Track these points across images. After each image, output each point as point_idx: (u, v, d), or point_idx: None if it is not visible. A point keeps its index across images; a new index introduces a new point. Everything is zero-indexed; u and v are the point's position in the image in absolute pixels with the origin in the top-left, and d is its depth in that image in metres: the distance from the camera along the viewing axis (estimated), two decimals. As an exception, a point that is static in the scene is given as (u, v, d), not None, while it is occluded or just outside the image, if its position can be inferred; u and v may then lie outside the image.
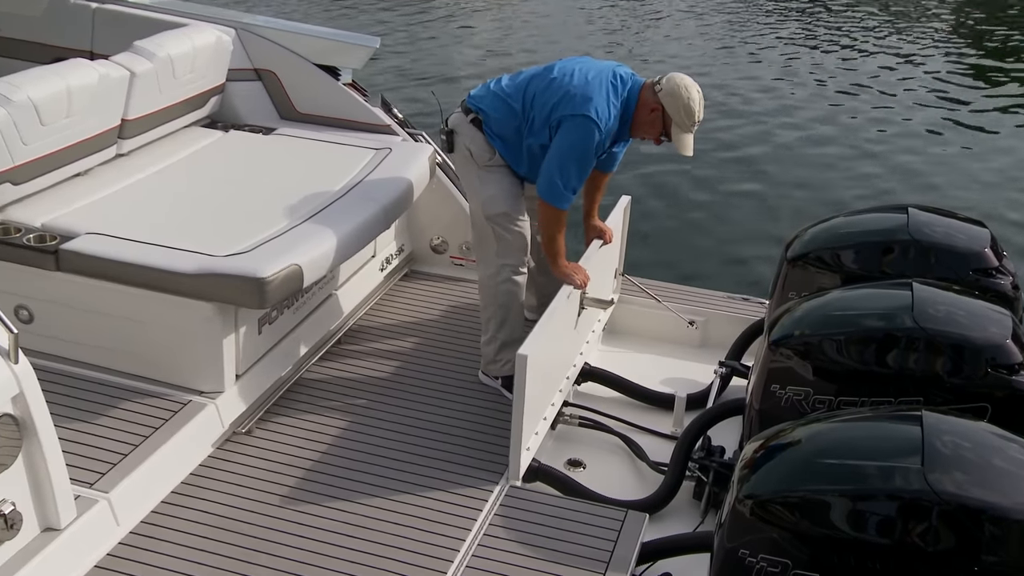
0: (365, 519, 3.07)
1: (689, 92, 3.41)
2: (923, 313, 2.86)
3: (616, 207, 4.08)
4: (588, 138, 3.37)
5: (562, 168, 3.41)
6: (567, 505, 3.18)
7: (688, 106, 3.41)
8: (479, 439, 3.48)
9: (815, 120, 9.69)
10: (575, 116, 3.37)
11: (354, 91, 4.46)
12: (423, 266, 4.62)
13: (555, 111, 3.42)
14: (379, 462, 3.33)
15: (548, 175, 3.45)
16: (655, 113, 3.46)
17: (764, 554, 2.34)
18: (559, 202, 3.47)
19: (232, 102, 4.46)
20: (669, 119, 3.44)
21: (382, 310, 4.27)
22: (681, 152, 3.49)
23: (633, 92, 3.47)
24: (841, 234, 3.49)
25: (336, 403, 3.63)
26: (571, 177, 3.42)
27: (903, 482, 2.24)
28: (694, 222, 7.53)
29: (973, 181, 8.47)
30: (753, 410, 3.12)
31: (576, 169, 3.41)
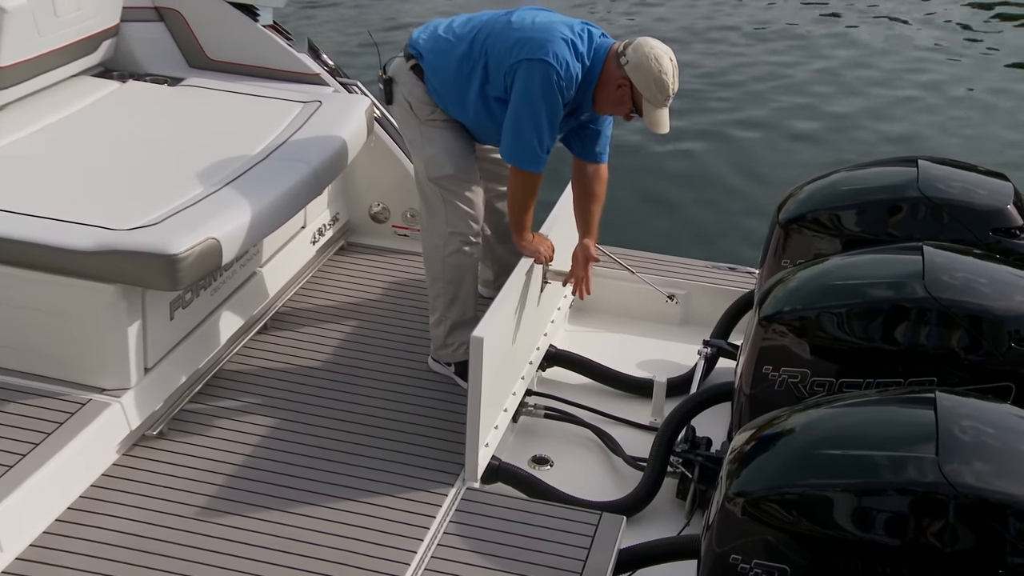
0: (299, 531, 3.05)
1: (660, 63, 3.34)
2: (936, 281, 2.87)
3: None
4: (548, 85, 3.34)
5: (527, 122, 3.37)
6: (532, 508, 3.17)
7: (659, 80, 3.35)
8: (430, 435, 3.47)
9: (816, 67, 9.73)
10: (532, 61, 3.34)
11: (276, 34, 4.40)
12: (361, 237, 4.59)
13: (510, 56, 3.39)
14: (314, 465, 3.31)
15: (513, 134, 3.41)
16: (622, 89, 3.41)
17: (758, 559, 2.33)
18: (531, 164, 3.43)
19: (129, 47, 4.39)
20: (639, 94, 3.39)
21: (315, 289, 4.24)
22: (654, 130, 3.42)
23: (599, 55, 3.43)
24: (841, 192, 3.50)
25: (263, 399, 3.60)
26: (540, 131, 3.37)
27: (916, 474, 2.24)
28: (673, 181, 7.55)
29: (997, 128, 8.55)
30: (743, 395, 3.13)
31: (545, 121, 3.37)
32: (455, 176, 3.59)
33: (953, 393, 2.48)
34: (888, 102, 9.05)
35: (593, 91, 3.45)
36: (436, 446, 3.42)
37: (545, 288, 3.72)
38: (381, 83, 3.67)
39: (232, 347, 3.80)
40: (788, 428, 2.50)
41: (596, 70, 3.43)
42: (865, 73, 9.61)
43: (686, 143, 8.11)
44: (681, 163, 7.87)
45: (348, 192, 4.55)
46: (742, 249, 6.39)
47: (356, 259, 4.48)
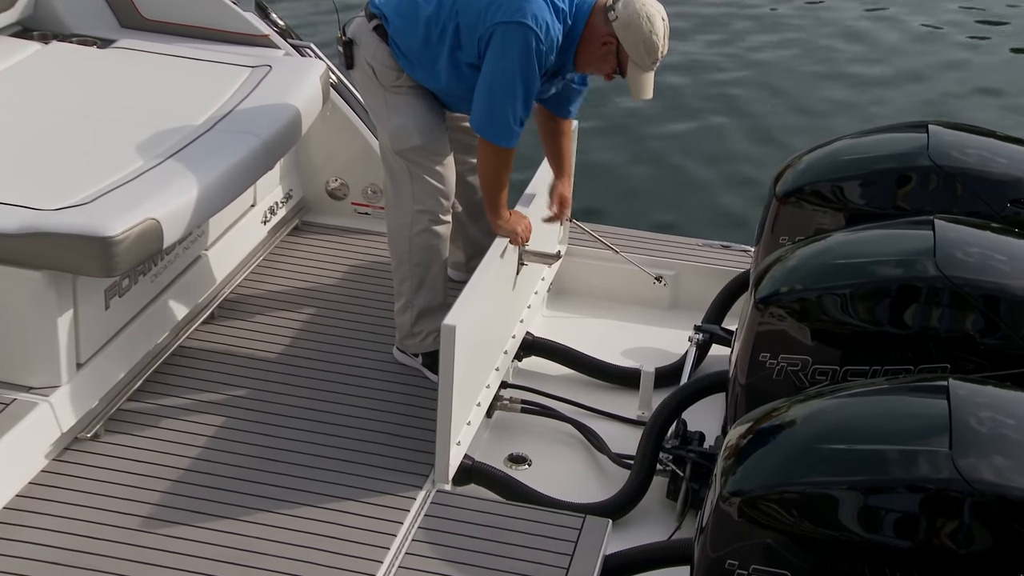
0: (251, 541, 3.03)
1: (652, 23, 3.33)
2: (948, 258, 2.87)
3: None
4: (527, 51, 3.31)
5: (501, 92, 3.35)
6: (509, 512, 3.17)
7: (649, 41, 3.34)
8: (396, 433, 3.46)
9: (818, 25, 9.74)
10: (508, 24, 3.31)
11: (220, -10, 4.36)
12: (317, 216, 4.57)
13: (484, 19, 3.35)
14: (268, 468, 3.29)
15: (484, 105, 3.39)
16: (608, 47, 3.40)
17: (757, 564, 2.34)
18: (503, 138, 3.41)
19: (51, 4, 4.33)
20: (625, 55, 3.39)
21: (267, 274, 4.21)
22: (637, 96, 3.44)
23: (582, 11, 3.41)
24: (844, 162, 3.50)
25: (210, 396, 3.58)
26: (514, 103, 3.36)
27: (927, 470, 2.25)
28: (661, 153, 7.55)
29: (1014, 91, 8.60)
30: (738, 386, 3.13)
31: (520, 91, 3.35)
32: (423, 148, 3.57)
33: (968, 381, 2.50)
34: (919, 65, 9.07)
35: (574, 49, 3.44)
36: (403, 445, 3.41)
37: (521, 271, 3.71)
38: (340, 46, 3.63)
39: (175, 339, 3.77)
40: (788, 421, 2.51)
41: (579, 27, 3.41)
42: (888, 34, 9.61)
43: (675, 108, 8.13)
44: (670, 131, 7.87)
45: (302, 166, 4.52)
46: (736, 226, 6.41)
47: (312, 240, 4.45)
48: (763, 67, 9.03)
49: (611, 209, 6.60)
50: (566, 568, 2.96)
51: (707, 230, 5.93)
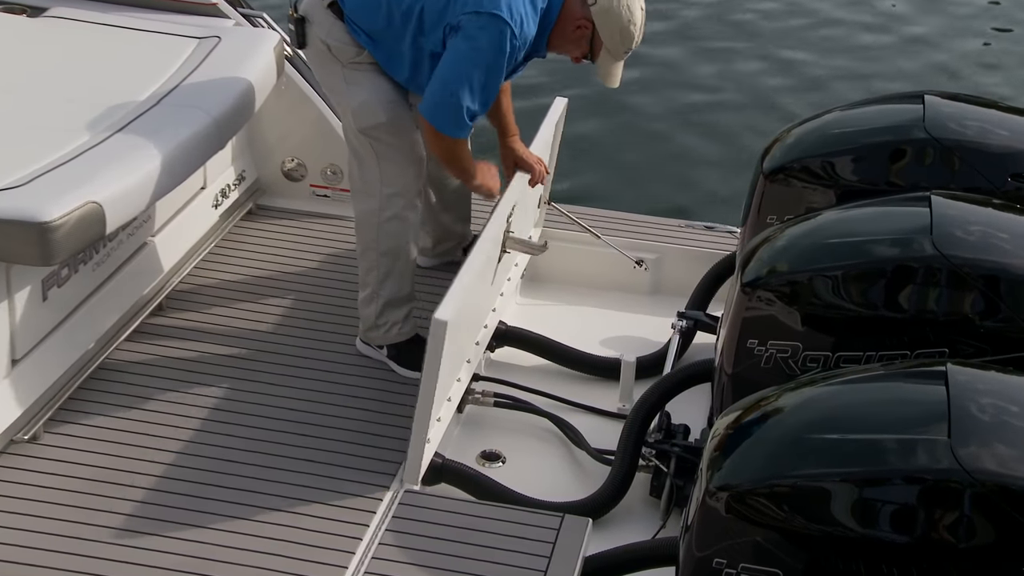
0: (206, 548, 3.04)
1: (631, 12, 3.39)
2: (946, 236, 2.90)
3: (549, 114, 4.05)
4: (497, 46, 3.33)
5: (458, 81, 3.34)
6: (483, 512, 3.18)
7: (626, 30, 3.41)
8: (360, 431, 3.47)
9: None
10: (480, 15, 3.31)
11: (163, -46, 4.34)
12: (273, 199, 4.57)
13: (454, 4, 3.36)
14: (224, 470, 3.29)
15: (438, 90, 3.38)
16: (582, 31, 3.44)
17: (746, 563, 2.36)
18: (453, 128, 3.41)
19: None
20: (599, 41, 3.44)
21: (219, 262, 4.21)
22: (605, 83, 3.51)
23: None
24: (834, 135, 3.53)
25: (159, 393, 3.57)
26: (471, 95, 3.35)
27: (925, 460, 2.27)
28: (640, 129, 7.57)
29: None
30: (725, 375, 3.16)
31: (479, 84, 3.35)
32: (390, 125, 3.57)
33: (967, 366, 2.52)
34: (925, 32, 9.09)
35: (548, 32, 3.47)
36: (368, 442, 3.42)
37: (501, 259, 3.72)
38: (291, 23, 3.63)
39: (120, 333, 3.76)
40: (778, 410, 2.53)
41: (555, 11, 3.45)
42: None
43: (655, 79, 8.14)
44: (650, 103, 7.89)
45: (256, 145, 4.51)
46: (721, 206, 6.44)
47: (267, 225, 4.44)
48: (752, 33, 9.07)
49: (588, 188, 6.63)
50: (544, 571, 2.98)
51: (690, 210, 5.98)
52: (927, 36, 9.16)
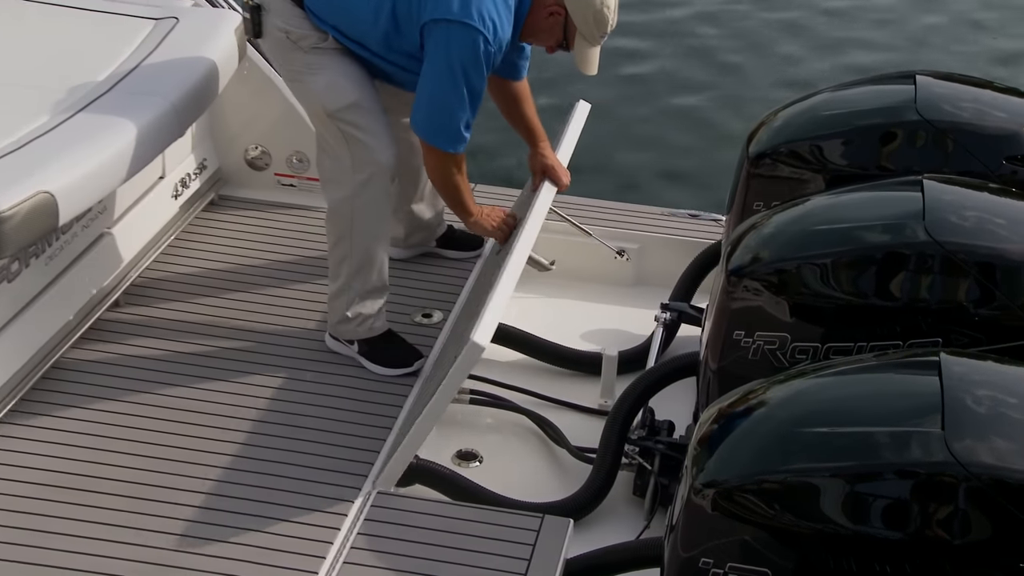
0: (169, 555, 3.03)
1: None
2: (939, 221, 2.92)
3: (573, 120, 4.10)
4: (473, 56, 3.35)
5: (445, 97, 3.39)
6: (459, 514, 3.19)
7: (600, 13, 3.45)
8: (330, 430, 3.47)
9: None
10: (452, 24, 3.34)
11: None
12: (236, 189, 4.57)
13: (424, 8, 3.38)
14: (187, 472, 3.29)
15: (428, 108, 3.44)
16: (555, 18, 3.49)
17: (734, 562, 2.37)
18: (450, 144, 3.46)
19: None
20: (573, 27, 3.49)
21: (179, 255, 4.20)
22: (583, 70, 3.56)
23: None
24: (823, 117, 3.54)
25: (117, 393, 3.57)
26: (462, 107, 3.40)
27: (918, 453, 2.29)
28: (616, 113, 7.57)
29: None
30: (710, 369, 3.17)
31: (467, 95, 3.40)
32: (359, 105, 3.56)
33: (961, 356, 2.54)
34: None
35: (521, 24, 3.50)
36: (338, 443, 3.41)
37: None
38: (247, 10, 3.62)
39: (75, 330, 3.75)
40: (766, 403, 2.54)
41: (527, 1, 3.48)
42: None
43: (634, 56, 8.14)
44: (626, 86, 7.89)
45: (217, 133, 4.50)
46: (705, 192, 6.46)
47: (230, 216, 4.44)
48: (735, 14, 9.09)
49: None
50: (523, 574, 2.98)
51: (673, 198, 5.98)
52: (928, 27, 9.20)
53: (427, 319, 3.94)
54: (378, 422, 3.48)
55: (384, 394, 3.59)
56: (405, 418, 3.49)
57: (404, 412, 3.52)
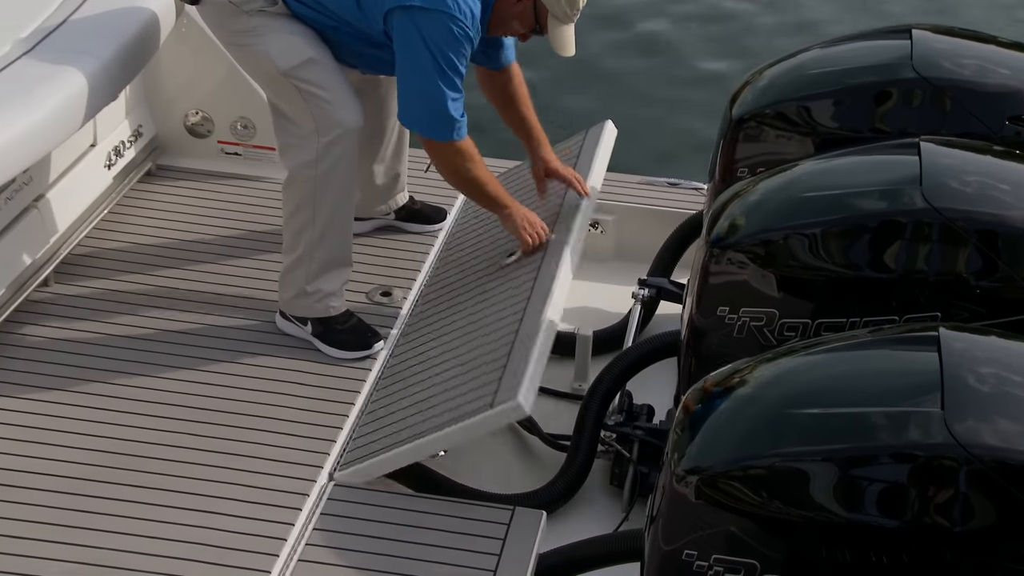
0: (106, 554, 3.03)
1: None
2: (937, 187, 2.94)
3: (600, 140, 4.17)
4: (446, 37, 3.40)
5: (432, 86, 3.44)
6: (423, 507, 3.21)
7: None
8: (282, 418, 3.48)
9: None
10: (426, 11, 3.38)
11: None
12: (175, 158, 4.56)
13: None
14: (125, 465, 3.29)
15: (418, 101, 3.49)
16: (524, 2, 3.53)
17: (719, 554, 2.39)
18: (450, 131, 3.52)
19: None
20: (544, 9, 3.53)
21: (113, 230, 4.20)
22: (561, 53, 3.60)
23: None
24: (812, 76, 3.56)
25: (47, 380, 3.57)
26: (449, 89, 3.45)
27: (916, 435, 2.31)
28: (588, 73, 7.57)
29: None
30: (692, 348, 3.19)
31: (450, 79, 3.45)
32: (317, 61, 3.57)
33: (961, 331, 2.57)
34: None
35: (488, 14, 3.54)
36: (290, 431, 3.42)
37: None
38: None
39: (2, 311, 3.74)
40: (752, 384, 2.57)
41: None
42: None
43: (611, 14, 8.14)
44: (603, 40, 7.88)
45: (154, 96, 4.49)
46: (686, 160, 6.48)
47: (169, 187, 4.43)
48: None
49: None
50: (493, 570, 3.01)
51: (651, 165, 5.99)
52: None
53: (386, 298, 3.95)
54: (334, 409, 3.48)
55: (341, 379, 3.60)
56: (362, 406, 3.51)
57: (362, 399, 3.53)
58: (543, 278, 3.59)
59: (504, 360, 3.28)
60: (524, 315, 3.43)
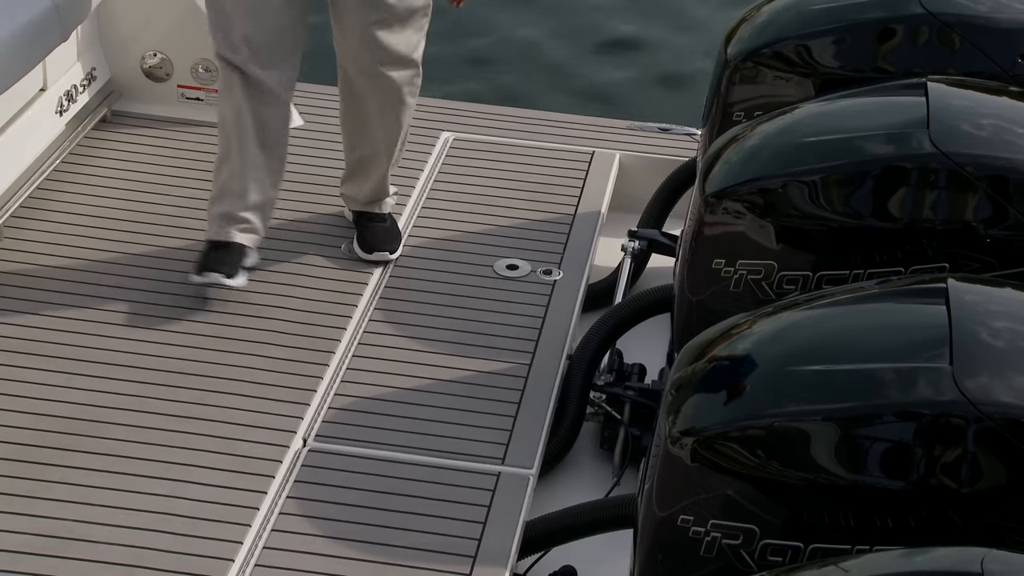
0: (68, 525, 3.04)
1: None
2: (945, 129, 2.95)
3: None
4: None
5: None
6: (404, 473, 3.23)
7: None
8: (250, 380, 3.50)
9: None
10: None
11: None
12: (132, 104, 4.55)
13: None
14: (84, 431, 3.30)
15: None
16: None
17: (716, 519, 2.42)
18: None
19: None
20: None
21: (66, 180, 4.20)
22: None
23: None
24: (812, 13, 3.56)
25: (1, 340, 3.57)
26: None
27: (924, 391, 2.34)
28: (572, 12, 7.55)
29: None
30: (686, 303, 3.22)
31: None
32: None
33: (971, 282, 2.60)
34: None
35: None
36: (261, 394, 3.44)
37: None
38: None
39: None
40: (751, 340, 2.59)
41: None
42: None
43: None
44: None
45: (108, 37, 4.47)
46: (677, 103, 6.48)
47: (126, 135, 4.43)
48: None
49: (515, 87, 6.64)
50: (478, 539, 3.04)
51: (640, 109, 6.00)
52: None
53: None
54: (307, 371, 3.50)
55: (313, 338, 3.62)
56: (335, 367, 3.53)
57: (336, 359, 3.55)
58: None
59: None
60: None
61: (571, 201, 4.29)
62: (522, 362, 3.63)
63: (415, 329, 3.79)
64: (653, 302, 3.63)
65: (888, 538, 2.32)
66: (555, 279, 3.91)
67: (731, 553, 2.41)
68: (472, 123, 4.58)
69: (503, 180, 4.38)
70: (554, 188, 4.35)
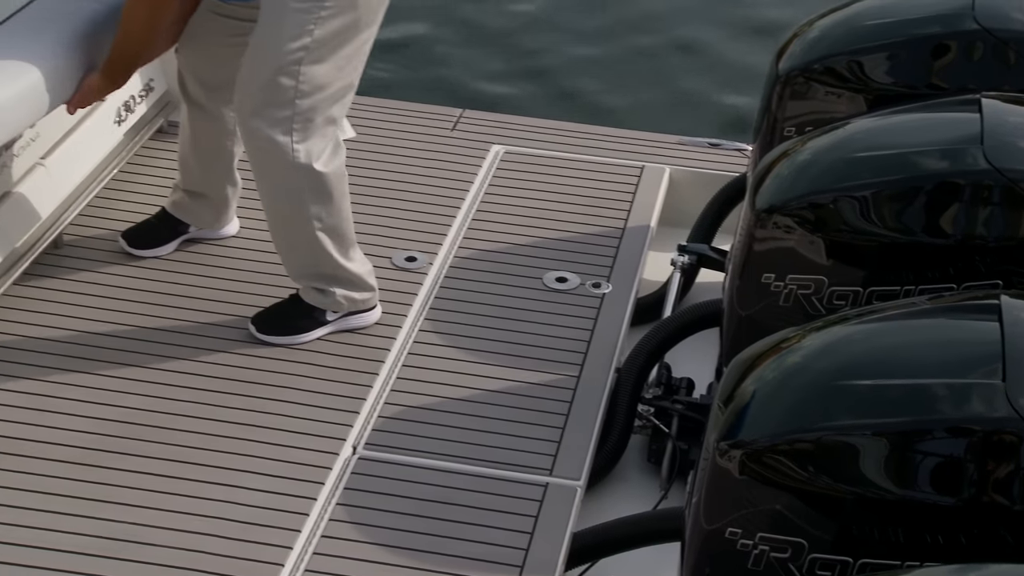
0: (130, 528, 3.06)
1: None
2: (1000, 145, 2.93)
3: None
4: None
5: None
6: (452, 481, 3.23)
7: None
8: (304, 388, 3.51)
9: None
10: None
11: None
12: None
13: None
14: (144, 436, 3.32)
15: None
16: None
17: (765, 532, 2.40)
18: None
19: None
20: None
21: (124, 190, 4.21)
22: None
23: None
24: (865, 29, 3.55)
25: (61, 349, 3.59)
26: None
27: (976, 407, 2.32)
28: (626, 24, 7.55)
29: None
30: (735, 318, 3.20)
31: None
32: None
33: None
34: None
35: None
36: (312, 402, 3.45)
37: None
38: None
39: (8, 276, 3.75)
40: (800, 353, 2.57)
41: None
42: None
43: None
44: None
45: (166, 49, 4.49)
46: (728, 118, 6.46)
47: None
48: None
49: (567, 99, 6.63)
50: (525, 548, 3.03)
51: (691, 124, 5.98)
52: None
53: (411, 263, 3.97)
54: (357, 380, 3.51)
55: (363, 347, 3.62)
56: (385, 376, 3.53)
57: (385, 368, 3.56)
58: None
59: None
60: None
61: (621, 215, 4.29)
62: (571, 374, 3.62)
63: (464, 340, 3.79)
64: (702, 316, 3.62)
65: (938, 554, 2.30)
66: (604, 292, 3.91)
67: (779, 566, 2.40)
68: (523, 136, 4.58)
69: (553, 193, 4.38)
70: (604, 202, 4.34)
